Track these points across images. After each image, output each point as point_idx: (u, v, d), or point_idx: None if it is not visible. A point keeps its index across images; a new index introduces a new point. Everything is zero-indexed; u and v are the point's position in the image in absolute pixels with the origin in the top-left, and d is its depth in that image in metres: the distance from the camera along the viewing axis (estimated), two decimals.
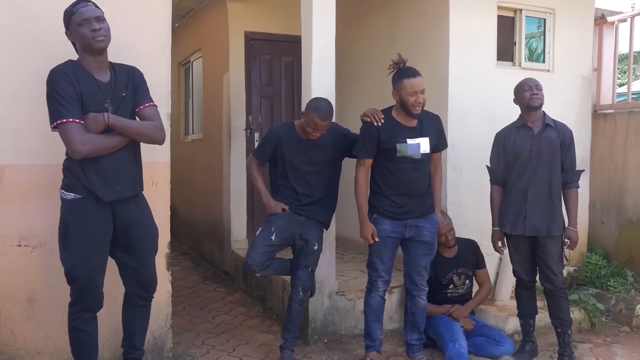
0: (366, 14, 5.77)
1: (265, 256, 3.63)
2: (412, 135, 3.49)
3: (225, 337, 4.26)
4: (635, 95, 6.05)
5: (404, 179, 3.51)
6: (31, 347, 3.15)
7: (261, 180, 3.84)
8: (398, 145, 3.46)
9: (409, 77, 3.41)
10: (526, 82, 3.75)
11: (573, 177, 3.71)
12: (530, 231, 3.68)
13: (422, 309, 3.69)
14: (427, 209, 3.62)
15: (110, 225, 2.81)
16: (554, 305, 3.76)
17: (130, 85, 2.87)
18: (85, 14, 2.70)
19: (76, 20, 2.71)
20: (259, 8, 5.90)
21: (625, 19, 5.45)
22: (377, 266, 3.61)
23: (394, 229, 3.57)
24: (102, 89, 2.75)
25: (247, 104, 5.94)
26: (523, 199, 3.69)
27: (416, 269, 3.64)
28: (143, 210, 2.95)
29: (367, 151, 3.54)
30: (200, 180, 7.11)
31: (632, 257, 5.13)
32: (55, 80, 2.66)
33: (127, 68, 2.93)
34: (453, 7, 4.61)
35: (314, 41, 3.98)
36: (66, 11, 2.78)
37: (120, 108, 2.81)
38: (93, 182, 2.72)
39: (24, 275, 3.11)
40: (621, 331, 4.57)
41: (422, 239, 3.61)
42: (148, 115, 2.87)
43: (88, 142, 2.64)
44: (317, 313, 4.14)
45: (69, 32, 2.79)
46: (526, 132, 3.71)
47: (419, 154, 3.48)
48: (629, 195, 5.20)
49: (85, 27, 2.69)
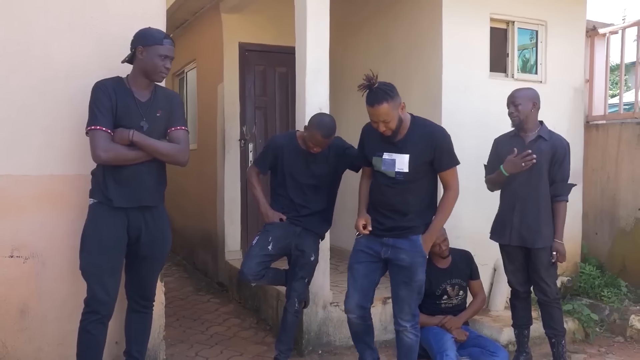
0: (360, 25, 5.81)
1: (261, 266, 3.62)
2: (391, 150, 3.15)
3: (219, 349, 4.24)
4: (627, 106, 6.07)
5: (381, 195, 3.23)
6: (23, 359, 3.11)
7: (260, 189, 3.83)
8: (374, 159, 3.22)
9: (371, 104, 3.01)
10: (508, 97, 3.78)
11: (562, 191, 3.69)
12: (516, 241, 3.71)
13: (406, 346, 3.26)
14: (410, 230, 3.21)
15: (124, 232, 2.94)
16: (547, 316, 3.78)
17: (167, 108, 3.06)
18: (168, 52, 2.94)
19: (158, 51, 2.91)
20: (253, 19, 5.93)
21: (617, 31, 5.50)
22: (348, 283, 3.34)
23: (369, 244, 3.27)
24: (138, 107, 2.95)
25: (242, 114, 5.95)
26: (511, 209, 3.72)
27: (396, 300, 3.26)
28: (158, 222, 3.07)
29: (361, 159, 3.39)
30: (194, 190, 7.09)
31: (626, 268, 5.14)
32: (95, 91, 2.89)
33: (169, 92, 3.20)
34: (446, 19, 4.64)
35: (308, 52, 4.00)
36: (151, 34, 2.94)
37: (153, 126, 2.99)
38: (109, 187, 2.90)
39: (16, 287, 3.09)
40: (615, 341, 4.57)
41: (399, 262, 3.19)
42: (176, 137, 3.06)
43: (109, 150, 2.84)
44: (312, 324, 4.13)
45: (142, 49, 2.91)
46: (517, 142, 3.73)
47: (393, 172, 3.13)
48: (622, 205, 5.22)
49: (161, 60, 2.92)
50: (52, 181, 3.14)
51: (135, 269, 3.08)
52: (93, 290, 2.89)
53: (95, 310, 2.89)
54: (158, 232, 3.06)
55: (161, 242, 3.09)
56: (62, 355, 3.12)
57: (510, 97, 3.78)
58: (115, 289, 2.94)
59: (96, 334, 2.92)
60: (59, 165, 3.17)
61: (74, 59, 3.19)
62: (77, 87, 3.14)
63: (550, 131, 3.77)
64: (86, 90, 3.03)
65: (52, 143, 3.15)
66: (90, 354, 2.94)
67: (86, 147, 3.02)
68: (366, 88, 3.02)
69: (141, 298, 3.15)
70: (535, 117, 3.76)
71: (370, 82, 3.01)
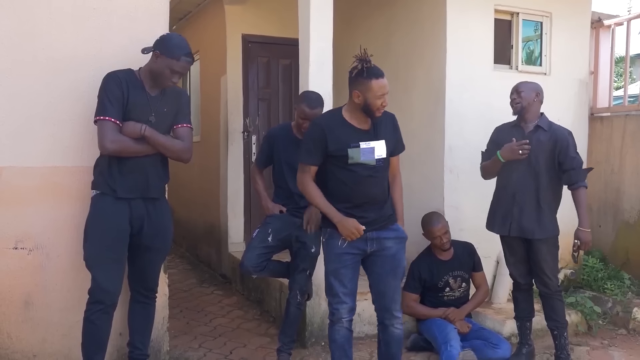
0: (364, 17, 5.78)
1: (261, 257, 3.63)
2: (366, 138, 3.00)
3: (222, 340, 4.25)
4: (631, 98, 6.03)
5: (361, 188, 3.01)
6: (27, 350, 3.13)
7: (261, 183, 3.88)
8: (349, 151, 2.96)
9: (377, 77, 2.93)
10: (512, 88, 3.79)
11: (578, 177, 3.62)
12: (516, 232, 3.70)
13: (397, 339, 3.13)
14: (389, 219, 3.12)
15: (126, 222, 2.97)
16: (549, 308, 3.77)
17: (175, 104, 3.09)
18: (180, 69, 2.94)
19: (171, 65, 2.91)
20: (256, 11, 5.91)
21: (622, 23, 5.47)
22: (337, 290, 3.05)
23: (353, 244, 3.02)
24: (149, 101, 2.99)
25: (245, 106, 5.94)
26: (510, 200, 3.71)
27: (385, 292, 3.10)
28: (160, 213, 3.10)
29: (312, 157, 3.02)
30: (197, 182, 7.10)
31: (629, 260, 5.13)
32: (107, 81, 2.91)
33: (178, 90, 3.21)
34: (450, 10, 4.61)
35: (312, 44, 3.99)
36: (172, 47, 2.91)
37: (159, 121, 3.02)
38: (114, 177, 2.93)
39: (20, 278, 3.10)
40: (618, 334, 4.57)
41: (386, 252, 3.07)
42: (181, 134, 3.09)
43: (116, 141, 2.87)
44: (315, 316, 4.14)
45: (158, 54, 2.92)
46: (517, 132, 3.72)
47: (374, 160, 2.99)
48: (626, 198, 5.21)
49: (170, 73, 2.93)
50: (57, 173, 3.14)
51: (138, 260, 3.09)
52: (97, 280, 2.91)
53: (100, 300, 2.91)
54: (160, 224, 3.08)
55: (163, 234, 3.11)
56: (66, 346, 3.14)
57: (514, 87, 3.79)
58: (119, 279, 2.96)
59: (100, 325, 2.94)
60: (63, 156, 3.17)
61: (76, 50, 3.17)
62: (80, 79, 3.15)
63: (551, 122, 3.75)
64: (89, 81, 3.04)
65: (56, 134, 3.15)
66: (95, 345, 2.96)
67: (90, 139, 3.04)
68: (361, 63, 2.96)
69: (144, 289, 3.17)
70: (537, 108, 3.74)
71: (365, 59, 2.95)
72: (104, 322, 2.95)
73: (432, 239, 4.14)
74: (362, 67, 2.96)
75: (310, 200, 3.14)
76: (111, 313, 2.97)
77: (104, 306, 2.92)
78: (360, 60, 2.97)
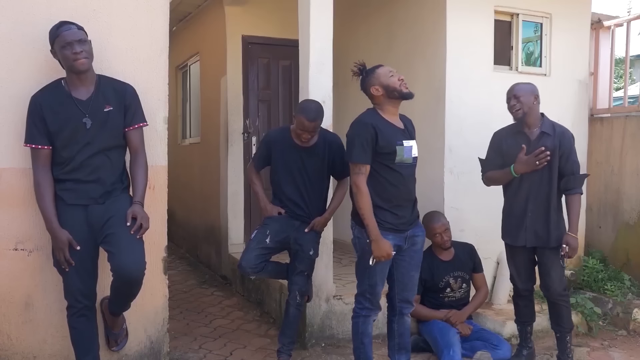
0: (364, 18, 5.79)
1: (259, 258, 3.63)
2: (405, 137, 3.17)
3: (222, 341, 4.25)
4: (631, 99, 6.03)
5: (403, 187, 3.16)
6: (27, 351, 3.13)
7: (259, 185, 3.86)
8: (397, 148, 3.08)
9: (379, 67, 3.17)
10: (508, 92, 3.70)
11: (575, 184, 3.59)
12: (532, 242, 3.64)
13: (408, 328, 3.43)
14: (417, 216, 3.35)
15: (84, 225, 2.87)
16: (555, 313, 3.72)
17: (117, 102, 2.93)
18: (67, 38, 2.80)
19: (59, 43, 2.81)
20: (256, 12, 5.91)
21: (622, 24, 5.47)
22: (378, 289, 3.23)
23: (396, 242, 3.17)
24: (78, 106, 2.86)
25: (245, 107, 5.95)
26: (523, 211, 3.64)
27: (410, 283, 3.33)
28: (115, 203, 2.91)
29: (368, 155, 3.07)
30: (197, 183, 7.10)
31: (629, 261, 5.13)
32: (29, 107, 2.87)
33: (118, 85, 2.99)
34: (450, 12, 4.62)
35: (312, 45, 3.99)
36: (51, 32, 2.87)
37: (106, 124, 2.89)
38: (65, 185, 2.88)
39: (21, 279, 3.10)
40: (618, 335, 4.57)
41: (415, 247, 3.29)
42: (133, 139, 2.97)
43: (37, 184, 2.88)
44: (315, 317, 4.14)
45: (54, 52, 2.89)
46: (522, 140, 3.63)
47: (411, 158, 3.16)
48: (626, 199, 5.21)
49: (67, 49, 2.80)
50: None
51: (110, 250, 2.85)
52: (67, 283, 2.89)
53: (75, 301, 2.89)
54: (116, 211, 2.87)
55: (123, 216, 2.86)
56: (66, 348, 3.13)
57: (509, 91, 3.69)
58: (90, 279, 2.92)
59: (81, 328, 2.93)
60: None
61: None
62: None
63: (553, 123, 3.69)
64: None
65: None
66: (82, 349, 2.95)
67: None
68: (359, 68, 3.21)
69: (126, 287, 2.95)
70: (537, 111, 3.67)
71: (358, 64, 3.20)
72: (84, 325, 2.93)
73: (433, 236, 4.12)
74: (360, 69, 3.21)
75: (359, 205, 3.09)
76: (90, 316, 2.95)
77: (81, 306, 2.90)
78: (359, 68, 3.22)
